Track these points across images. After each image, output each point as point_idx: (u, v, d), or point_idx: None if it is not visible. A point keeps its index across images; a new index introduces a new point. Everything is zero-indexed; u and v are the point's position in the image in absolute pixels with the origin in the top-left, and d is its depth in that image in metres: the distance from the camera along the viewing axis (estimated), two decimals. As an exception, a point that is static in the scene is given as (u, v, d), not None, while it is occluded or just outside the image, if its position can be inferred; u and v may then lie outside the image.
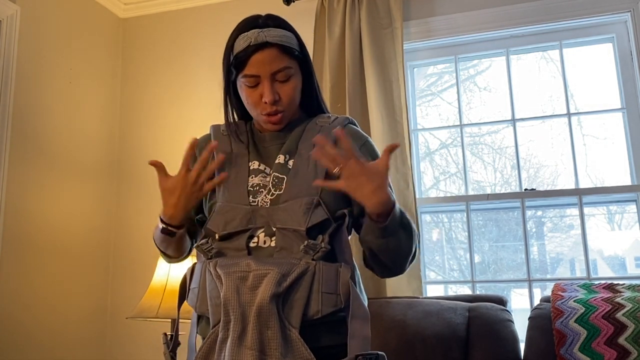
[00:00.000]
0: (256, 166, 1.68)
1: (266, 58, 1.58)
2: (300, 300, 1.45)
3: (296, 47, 1.64)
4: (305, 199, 1.56)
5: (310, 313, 1.45)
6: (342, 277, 1.51)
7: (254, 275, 1.45)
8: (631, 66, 3.15)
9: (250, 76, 1.60)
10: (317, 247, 1.50)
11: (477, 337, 2.53)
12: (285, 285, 1.44)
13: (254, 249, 1.56)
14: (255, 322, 1.40)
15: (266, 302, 1.40)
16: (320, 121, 1.72)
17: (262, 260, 1.48)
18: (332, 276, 1.50)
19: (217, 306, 1.46)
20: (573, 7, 3.21)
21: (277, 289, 1.42)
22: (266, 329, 1.40)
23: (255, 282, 1.44)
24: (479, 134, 3.50)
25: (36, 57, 3.33)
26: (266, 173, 1.66)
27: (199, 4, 3.88)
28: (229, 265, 1.49)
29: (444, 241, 3.49)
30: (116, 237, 3.76)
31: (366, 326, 1.49)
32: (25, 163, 3.19)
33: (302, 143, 1.67)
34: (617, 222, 3.26)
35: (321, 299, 1.46)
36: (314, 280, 1.47)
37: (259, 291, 1.43)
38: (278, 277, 1.43)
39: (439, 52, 3.51)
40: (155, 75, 3.89)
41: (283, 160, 1.66)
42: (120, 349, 3.58)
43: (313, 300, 1.46)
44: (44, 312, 3.24)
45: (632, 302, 2.36)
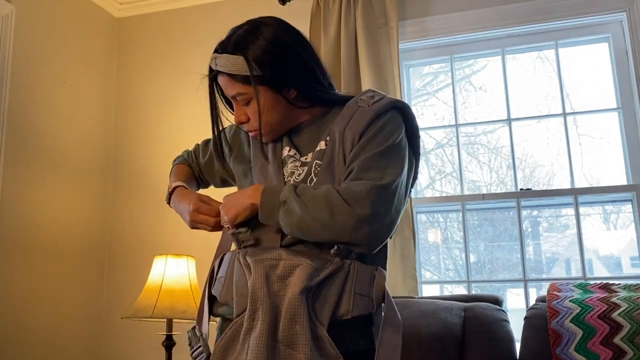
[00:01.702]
0: (292, 153, 1.65)
1: (223, 84, 1.62)
2: (331, 298, 1.41)
3: (246, 73, 1.55)
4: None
5: (340, 312, 1.41)
6: (378, 281, 1.47)
7: (284, 264, 1.42)
8: (627, 66, 3.15)
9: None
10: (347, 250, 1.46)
11: (472, 337, 2.53)
12: (317, 280, 1.40)
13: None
14: (287, 315, 1.36)
15: (297, 294, 1.37)
16: (362, 100, 1.61)
17: (294, 252, 1.46)
18: (366, 278, 1.46)
19: (243, 296, 1.42)
20: (568, 7, 3.21)
21: (309, 282, 1.38)
22: (294, 323, 1.36)
23: (286, 271, 1.41)
24: (475, 134, 3.50)
25: (31, 57, 3.32)
26: (296, 158, 1.63)
27: (194, 4, 3.88)
28: (259, 254, 1.46)
29: (439, 241, 3.49)
30: (111, 236, 3.75)
31: (398, 336, 1.46)
32: (20, 163, 3.18)
33: (337, 125, 1.58)
34: (612, 221, 3.26)
35: (353, 300, 1.42)
36: (348, 279, 1.43)
37: (290, 282, 1.40)
38: (311, 270, 1.40)
39: (434, 51, 3.51)
40: (150, 74, 3.88)
41: (323, 146, 1.60)
42: (116, 349, 3.57)
43: (344, 300, 1.42)
44: (39, 312, 3.23)
45: (628, 301, 2.36)
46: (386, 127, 1.55)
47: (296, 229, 1.46)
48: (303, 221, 1.44)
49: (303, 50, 1.63)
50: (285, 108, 1.62)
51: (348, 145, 1.53)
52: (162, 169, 3.65)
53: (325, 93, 1.66)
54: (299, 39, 1.65)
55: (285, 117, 1.64)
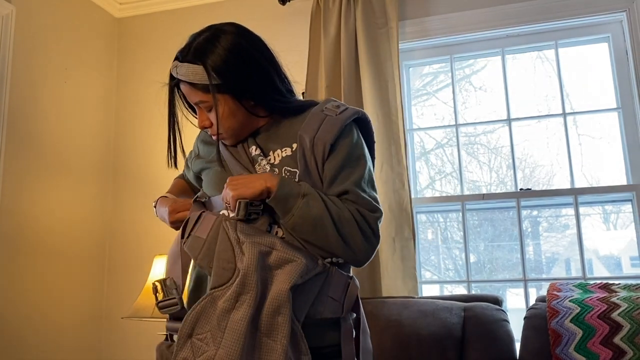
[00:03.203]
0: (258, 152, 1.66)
1: (185, 92, 1.65)
2: (310, 297, 1.47)
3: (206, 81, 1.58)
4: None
5: (311, 312, 1.47)
6: (351, 290, 1.55)
7: (277, 255, 1.44)
8: (626, 66, 3.15)
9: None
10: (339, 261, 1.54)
11: (472, 337, 2.53)
12: (306, 278, 1.45)
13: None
14: (272, 306, 1.39)
15: (286, 289, 1.40)
16: (328, 108, 1.66)
17: (288, 244, 1.47)
18: (341, 285, 1.53)
19: (225, 270, 1.43)
20: (568, 7, 3.21)
21: (299, 280, 1.43)
22: (277, 315, 1.39)
23: (278, 262, 1.43)
24: (475, 134, 3.50)
25: (31, 57, 3.32)
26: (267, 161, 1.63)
27: (194, 4, 3.88)
28: (253, 234, 1.46)
29: (439, 241, 3.49)
30: (111, 237, 3.75)
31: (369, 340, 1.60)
32: (20, 163, 3.18)
33: (305, 133, 1.60)
34: (612, 221, 3.26)
35: (326, 302, 1.50)
36: (325, 282, 1.50)
37: (279, 274, 1.42)
38: (303, 268, 1.43)
39: (434, 51, 3.51)
40: (150, 74, 3.88)
41: (290, 152, 1.62)
42: (116, 349, 3.58)
43: (318, 301, 1.48)
44: (40, 312, 3.23)
45: (628, 301, 2.36)
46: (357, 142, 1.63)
47: (309, 224, 1.48)
48: (322, 219, 1.47)
49: (263, 57, 1.64)
50: (245, 115, 1.64)
51: (319, 154, 1.57)
52: (162, 168, 3.65)
53: (283, 103, 1.67)
54: (259, 45, 1.66)
55: (246, 124, 1.66)
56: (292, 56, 3.52)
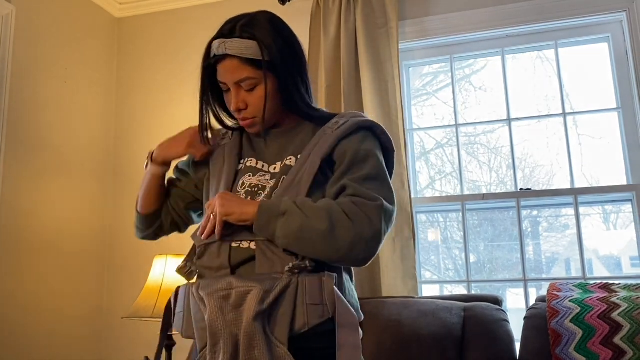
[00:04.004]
0: (254, 164, 1.67)
1: (228, 68, 1.62)
2: (285, 316, 1.42)
3: (259, 57, 1.59)
4: None
5: (297, 327, 1.43)
6: (327, 286, 1.47)
7: (236, 292, 1.43)
8: (626, 66, 3.15)
9: (222, 82, 1.66)
10: (302, 267, 1.48)
11: (472, 337, 2.53)
12: (268, 302, 1.41)
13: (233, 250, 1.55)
14: (245, 343, 1.38)
15: (250, 320, 1.38)
16: (328, 128, 1.66)
17: (244, 278, 1.46)
18: (316, 287, 1.46)
19: (203, 330, 1.44)
20: (568, 7, 3.21)
21: (261, 306, 1.40)
22: (252, 349, 1.38)
23: (238, 300, 1.42)
24: (475, 134, 3.50)
25: (31, 57, 3.32)
26: (264, 171, 1.65)
27: (194, 4, 3.88)
28: (209, 285, 1.47)
29: (439, 241, 3.49)
30: (112, 236, 3.75)
31: (355, 334, 1.45)
32: (20, 162, 3.18)
33: (305, 150, 1.63)
34: (612, 221, 3.26)
35: (307, 312, 1.43)
36: (298, 294, 1.44)
37: (244, 309, 1.41)
38: (261, 295, 1.41)
39: (434, 51, 3.51)
40: (150, 74, 3.89)
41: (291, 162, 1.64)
42: (116, 349, 3.58)
43: (298, 314, 1.43)
44: (39, 312, 3.23)
45: (628, 301, 2.36)
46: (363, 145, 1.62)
47: (293, 239, 1.47)
48: (302, 231, 1.45)
49: (301, 50, 1.70)
50: (279, 105, 1.66)
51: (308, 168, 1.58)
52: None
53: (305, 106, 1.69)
54: (297, 39, 1.71)
55: (276, 114, 1.68)
56: (292, 56, 3.53)
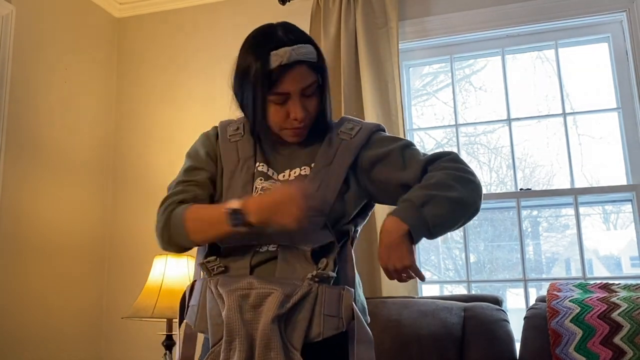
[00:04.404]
0: (265, 170, 1.66)
1: (297, 76, 1.57)
2: (302, 322, 1.44)
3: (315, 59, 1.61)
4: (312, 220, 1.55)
5: (311, 335, 1.44)
6: (345, 301, 1.49)
7: (256, 293, 1.44)
8: (626, 66, 3.15)
9: (281, 94, 1.58)
10: (324, 276, 1.49)
11: (472, 337, 2.53)
12: (288, 307, 1.43)
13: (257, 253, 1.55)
14: (262, 344, 1.39)
15: (269, 323, 1.40)
16: (343, 133, 1.69)
17: (265, 279, 1.48)
18: (334, 299, 1.49)
19: (218, 325, 1.45)
20: (568, 7, 3.21)
21: (280, 310, 1.41)
22: (269, 350, 1.39)
23: (258, 300, 1.44)
24: (475, 134, 3.50)
25: (31, 57, 3.32)
26: (270, 176, 1.65)
27: (194, 4, 3.87)
28: (230, 283, 1.48)
29: (439, 241, 3.48)
30: (112, 236, 3.75)
31: (371, 351, 1.50)
32: (20, 163, 3.18)
33: (321, 156, 1.65)
34: (612, 221, 3.26)
35: (323, 322, 1.45)
36: (317, 303, 1.46)
37: (262, 310, 1.42)
38: (282, 298, 1.42)
39: (434, 51, 3.51)
40: (150, 74, 3.88)
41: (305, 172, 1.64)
42: (116, 349, 3.57)
43: (315, 323, 1.45)
44: (40, 312, 3.23)
45: (628, 301, 2.36)
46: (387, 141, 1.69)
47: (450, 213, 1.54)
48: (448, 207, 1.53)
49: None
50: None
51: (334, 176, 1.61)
52: (162, 168, 3.65)
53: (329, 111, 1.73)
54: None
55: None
56: (292, 56, 3.53)
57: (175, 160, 1.67)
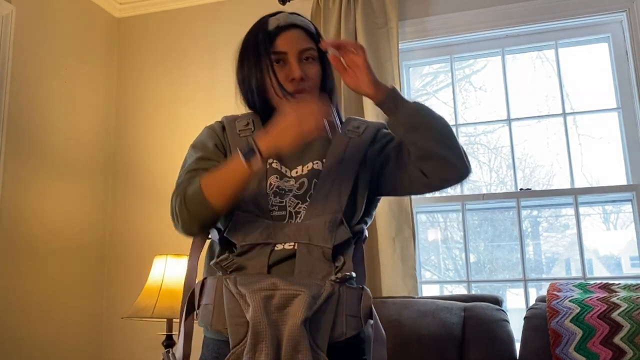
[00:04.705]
0: (278, 167, 1.66)
1: (294, 36, 1.67)
2: (327, 323, 1.44)
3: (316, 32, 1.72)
4: (329, 216, 1.55)
5: (335, 335, 1.44)
6: (365, 301, 1.51)
7: (281, 294, 1.42)
8: (627, 66, 3.15)
9: (279, 52, 1.65)
10: (346, 277, 1.49)
11: (472, 336, 2.53)
12: (315, 308, 1.42)
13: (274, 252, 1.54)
14: (289, 346, 1.38)
15: (298, 325, 1.38)
16: (350, 131, 1.71)
17: (288, 279, 1.46)
18: (355, 300, 1.50)
19: (239, 326, 1.41)
20: (568, 7, 3.21)
21: (308, 312, 1.40)
22: (297, 353, 1.38)
23: (283, 301, 1.42)
24: (475, 134, 3.50)
25: (31, 57, 3.32)
26: (284, 174, 1.64)
27: (194, 4, 3.87)
28: (251, 283, 1.45)
29: (439, 241, 3.49)
30: (112, 236, 3.75)
31: (384, 349, 1.55)
32: (20, 163, 3.18)
33: (331, 155, 1.65)
34: (612, 221, 3.26)
35: (345, 322, 1.46)
36: (339, 304, 1.47)
37: (290, 312, 1.40)
38: (309, 300, 1.41)
39: (434, 51, 3.51)
40: (150, 74, 3.88)
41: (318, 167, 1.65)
42: (116, 349, 3.58)
43: (338, 323, 1.45)
44: (39, 312, 3.23)
45: (628, 301, 2.36)
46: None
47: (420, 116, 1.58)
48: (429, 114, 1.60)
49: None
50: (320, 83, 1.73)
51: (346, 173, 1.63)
52: (162, 168, 3.65)
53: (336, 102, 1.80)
54: None
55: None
56: (292, 56, 3.53)
57: (175, 160, 1.65)
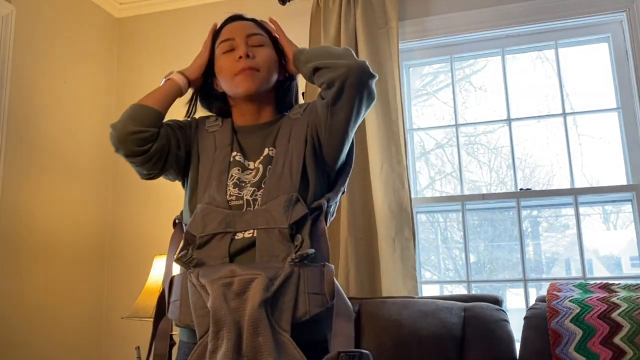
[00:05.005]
0: (239, 159, 1.71)
1: (240, 24, 1.82)
2: (289, 304, 1.45)
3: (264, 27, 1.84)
4: (285, 197, 1.58)
5: (298, 315, 1.46)
6: (327, 276, 1.52)
7: (239, 280, 1.44)
8: (626, 66, 3.15)
9: (226, 40, 1.78)
10: (303, 255, 1.49)
11: (472, 337, 2.53)
12: (273, 290, 1.43)
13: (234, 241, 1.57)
14: (249, 329, 1.39)
15: (256, 308, 1.40)
16: (293, 114, 1.77)
17: (246, 265, 1.48)
18: (317, 276, 1.51)
19: (204, 317, 1.44)
20: (568, 7, 3.21)
21: (266, 294, 1.42)
22: (257, 336, 1.39)
23: (242, 287, 1.43)
24: (475, 134, 3.50)
25: (31, 57, 3.32)
26: (246, 167, 1.69)
27: (194, 4, 3.87)
28: (211, 273, 1.47)
29: (439, 241, 3.49)
30: (112, 236, 3.75)
31: (350, 325, 1.50)
32: (20, 163, 3.18)
33: (279, 139, 1.71)
34: (612, 221, 3.26)
35: (308, 300, 1.47)
36: (300, 282, 1.48)
37: (248, 297, 1.42)
38: (266, 282, 1.43)
39: (434, 51, 3.51)
40: (150, 74, 3.88)
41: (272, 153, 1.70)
42: (116, 349, 3.57)
43: (300, 302, 1.46)
44: (39, 312, 3.23)
45: (628, 301, 2.36)
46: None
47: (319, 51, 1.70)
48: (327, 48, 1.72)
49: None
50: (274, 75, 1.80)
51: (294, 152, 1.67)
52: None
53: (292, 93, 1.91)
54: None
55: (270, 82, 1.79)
56: (292, 56, 3.53)
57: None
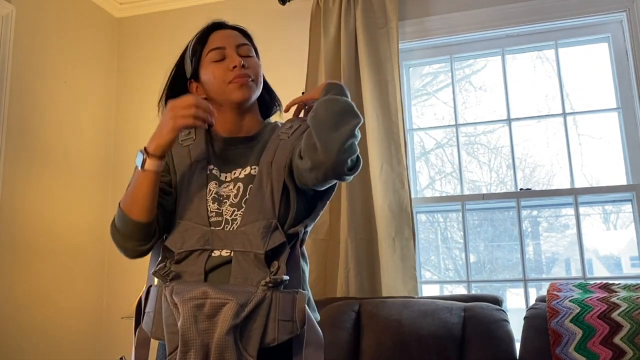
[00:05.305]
0: (215, 172, 1.69)
1: (229, 33, 1.77)
2: (257, 330, 1.45)
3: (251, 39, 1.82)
4: (263, 222, 1.57)
5: (266, 340, 1.46)
6: (299, 304, 1.51)
7: (210, 303, 1.44)
8: (626, 66, 3.15)
9: (216, 48, 1.72)
10: (277, 281, 1.49)
11: (472, 336, 2.53)
12: (243, 316, 1.44)
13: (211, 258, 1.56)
14: (215, 355, 1.40)
15: (223, 335, 1.40)
16: (282, 131, 1.72)
17: (219, 288, 1.48)
18: (288, 304, 1.50)
19: (174, 334, 1.45)
20: (568, 7, 3.21)
21: (235, 320, 1.42)
22: None
23: (213, 310, 1.44)
24: (475, 134, 3.50)
25: (31, 57, 3.32)
26: (222, 180, 1.67)
27: (194, 4, 3.88)
28: (184, 292, 1.48)
29: (439, 241, 3.49)
30: (111, 237, 3.74)
31: (319, 353, 1.51)
32: (20, 163, 3.18)
33: (264, 159, 1.67)
34: (612, 221, 3.26)
35: (277, 327, 1.47)
36: (271, 309, 1.47)
37: (218, 321, 1.42)
38: (236, 308, 1.43)
39: (434, 51, 3.51)
40: (150, 74, 3.88)
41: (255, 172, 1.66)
42: (116, 349, 3.57)
43: (270, 329, 1.46)
44: (40, 312, 3.23)
45: (628, 301, 2.36)
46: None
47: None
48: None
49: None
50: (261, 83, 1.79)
51: (275, 176, 1.62)
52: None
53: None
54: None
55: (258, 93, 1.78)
56: (292, 56, 3.53)
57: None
